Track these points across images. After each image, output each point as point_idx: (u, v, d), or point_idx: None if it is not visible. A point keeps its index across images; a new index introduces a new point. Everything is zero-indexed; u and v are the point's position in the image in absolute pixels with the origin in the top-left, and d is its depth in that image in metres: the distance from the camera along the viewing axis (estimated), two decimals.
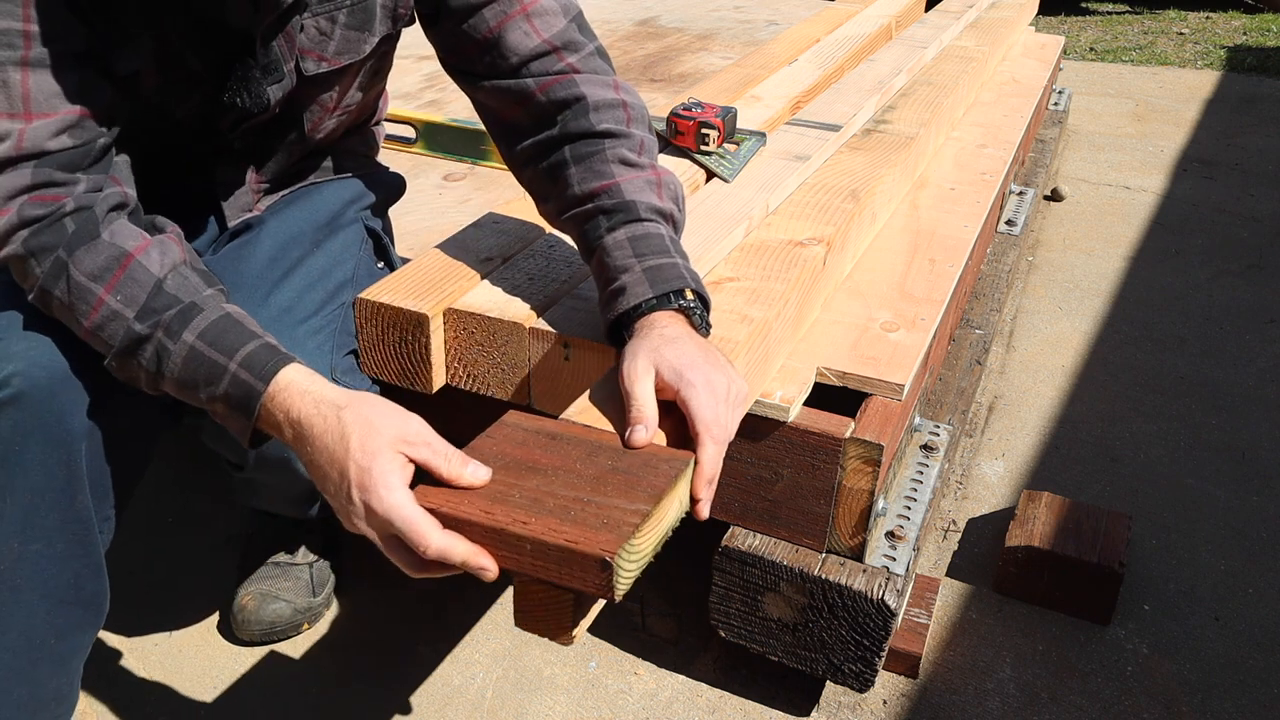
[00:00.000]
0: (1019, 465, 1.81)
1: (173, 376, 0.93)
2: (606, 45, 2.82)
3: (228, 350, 0.92)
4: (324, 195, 1.27)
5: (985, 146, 2.06)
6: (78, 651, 1.08)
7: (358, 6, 1.12)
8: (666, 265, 1.01)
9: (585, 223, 1.08)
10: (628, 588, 0.77)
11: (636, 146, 1.10)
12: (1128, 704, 1.35)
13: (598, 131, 1.09)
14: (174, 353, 0.92)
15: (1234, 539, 1.64)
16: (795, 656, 1.28)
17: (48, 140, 0.92)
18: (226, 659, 1.42)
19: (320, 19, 1.10)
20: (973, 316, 1.86)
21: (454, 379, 1.19)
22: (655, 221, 1.06)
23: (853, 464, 1.18)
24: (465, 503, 0.80)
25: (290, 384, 0.90)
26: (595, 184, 1.07)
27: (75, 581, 1.04)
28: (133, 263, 0.94)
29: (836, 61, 2.13)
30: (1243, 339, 2.22)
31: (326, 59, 1.13)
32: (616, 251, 1.02)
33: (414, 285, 1.18)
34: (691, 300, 1.00)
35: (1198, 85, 3.98)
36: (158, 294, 0.94)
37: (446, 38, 1.14)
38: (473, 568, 0.79)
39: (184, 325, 0.93)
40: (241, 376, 0.91)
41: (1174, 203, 2.91)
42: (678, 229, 1.10)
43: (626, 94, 1.14)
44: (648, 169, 1.10)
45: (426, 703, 1.35)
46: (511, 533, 0.77)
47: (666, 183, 1.10)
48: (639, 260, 1.01)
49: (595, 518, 0.78)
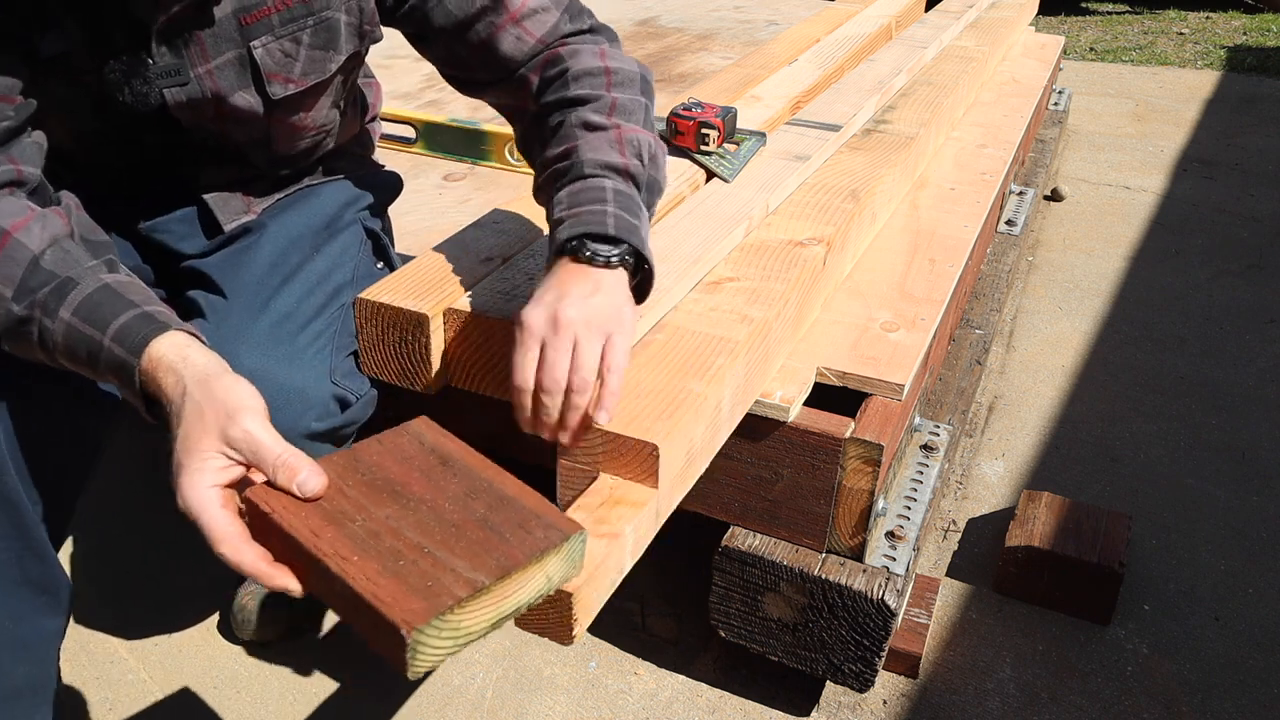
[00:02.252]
0: (1019, 465, 1.81)
1: (63, 354, 0.90)
2: None
3: (101, 324, 0.88)
4: (322, 198, 1.27)
5: (985, 146, 2.06)
6: (44, 639, 1.06)
7: (321, 26, 1.10)
8: (593, 211, 0.96)
9: (545, 190, 1.05)
10: (431, 665, 0.67)
11: (605, 108, 1.05)
12: (1128, 704, 1.35)
13: (569, 99, 1.07)
14: (54, 331, 0.89)
15: (1234, 539, 1.64)
16: (795, 656, 1.28)
17: None
18: (226, 659, 1.42)
19: (284, 41, 1.08)
20: (973, 316, 1.86)
21: (454, 379, 1.19)
22: (600, 176, 1.00)
23: (853, 464, 1.18)
24: (301, 516, 0.74)
25: (160, 359, 0.85)
26: (556, 150, 1.04)
27: (18, 562, 1.02)
28: (10, 240, 0.90)
29: (836, 61, 2.13)
30: (1243, 339, 2.22)
31: (293, 80, 1.11)
32: (557, 208, 0.99)
33: (414, 285, 1.18)
34: (574, 242, 0.94)
35: (1198, 85, 3.98)
36: (34, 271, 0.90)
37: (440, 53, 1.14)
38: (274, 587, 0.75)
39: (60, 302, 0.89)
40: (115, 351, 0.87)
41: (1174, 203, 2.91)
42: (639, 183, 1.03)
43: (615, 60, 1.10)
44: (611, 129, 1.04)
45: (426, 703, 1.35)
46: (324, 565, 0.69)
47: (629, 140, 1.04)
48: (569, 211, 0.98)
49: (419, 577, 0.68)
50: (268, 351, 1.08)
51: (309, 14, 1.08)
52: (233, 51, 1.06)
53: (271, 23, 1.06)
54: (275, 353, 1.08)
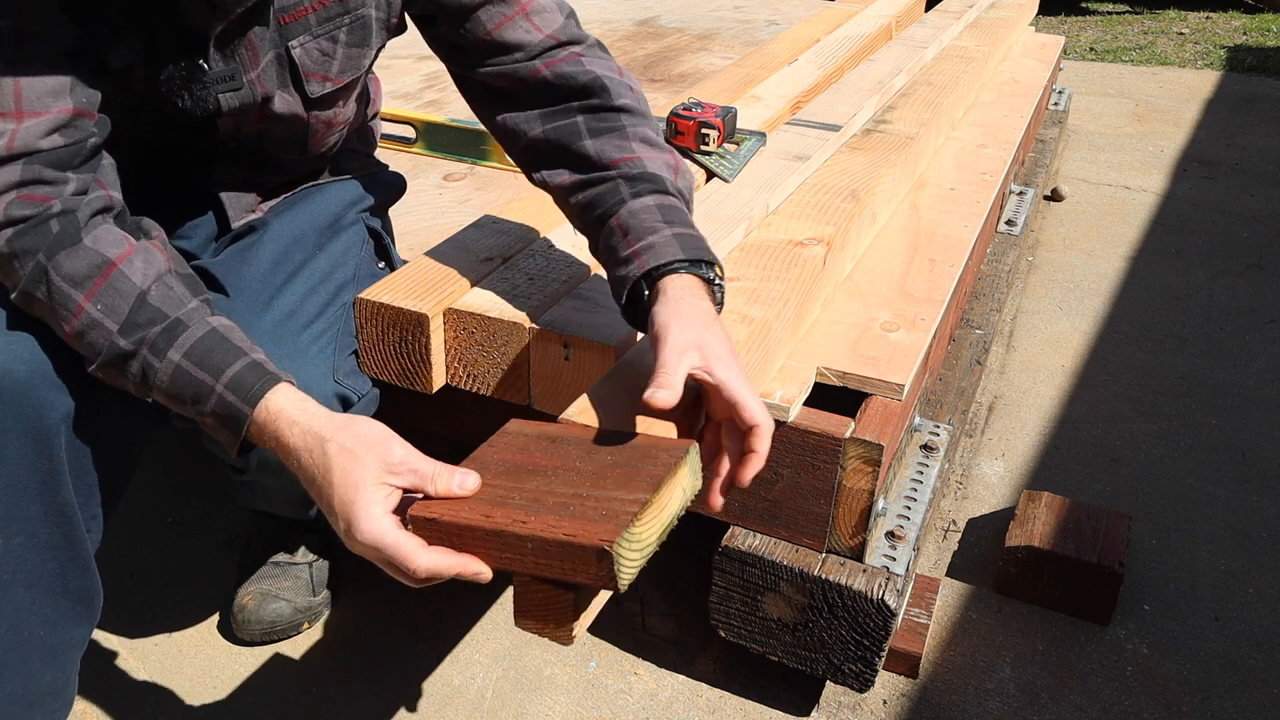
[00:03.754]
0: (1019, 465, 1.81)
1: (160, 390, 0.94)
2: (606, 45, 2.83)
3: (214, 370, 0.92)
4: (326, 197, 1.27)
5: (985, 146, 2.06)
6: (71, 646, 1.08)
7: (356, 23, 1.11)
8: (696, 237, 1.01)
9: (601, 186, 1.06)
10: (632, 577, 0.77)
11: (655, 129, 1.11)
12: (1128, 704, 1.35)
13: (615, 106, 1.09)
14: (160, 370, 0.92)
15: (1234, 539, 1.64)
16: (795, 656, 1.28)
17: (39, 139, 0.92)
18: (226, 659, 1.42)
19: (322, 40, 1.10)
20: (973, 316, 1.86)
21: (454, 379, 1.19)
22: (679, 198, 1.06)
23: (853, 464, 1.18)
24: (465, 510, 0.81)
25: (280, 413, 0.90)
26: (617, 155, 1.06)
27: (61, 573, 1.03)
28: (115, 271, 0.93)
29: (836, 61, 2.13)
30: (1243, 339, 2.22)
31: (330, 79, 1.13)
32: (644, 214, 1.01)
33: (414, 285, 1.18)
34: (719, 276, 0.99)
35: (1198, 85, 3.98)
36: (141, 307, 0.93)
37: (444, 38, 1.13)
38: (467, 575, 0.80)
39: (169, 343, 0.92)
40: (228, 399, 0.91)
41: (1174, 203, 2.91)
42: (690, 207, 1.10)
43: (630, 80, 1.15)
44: (667, 153, 1.10)
45: (426, 703, 1.35)
46: (511, 533, 0.78)
47: (684, 171, 1.10)
48: (669, 226, 1.00)
49: (594, 511, 0.78)
50: (270, 350, 1.08)
51: (345, 12, 1.10)
52: (271, 52, 1.08)
53: (309, 22, 1.08)
54: (278, 351, 1.08)
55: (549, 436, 0.90)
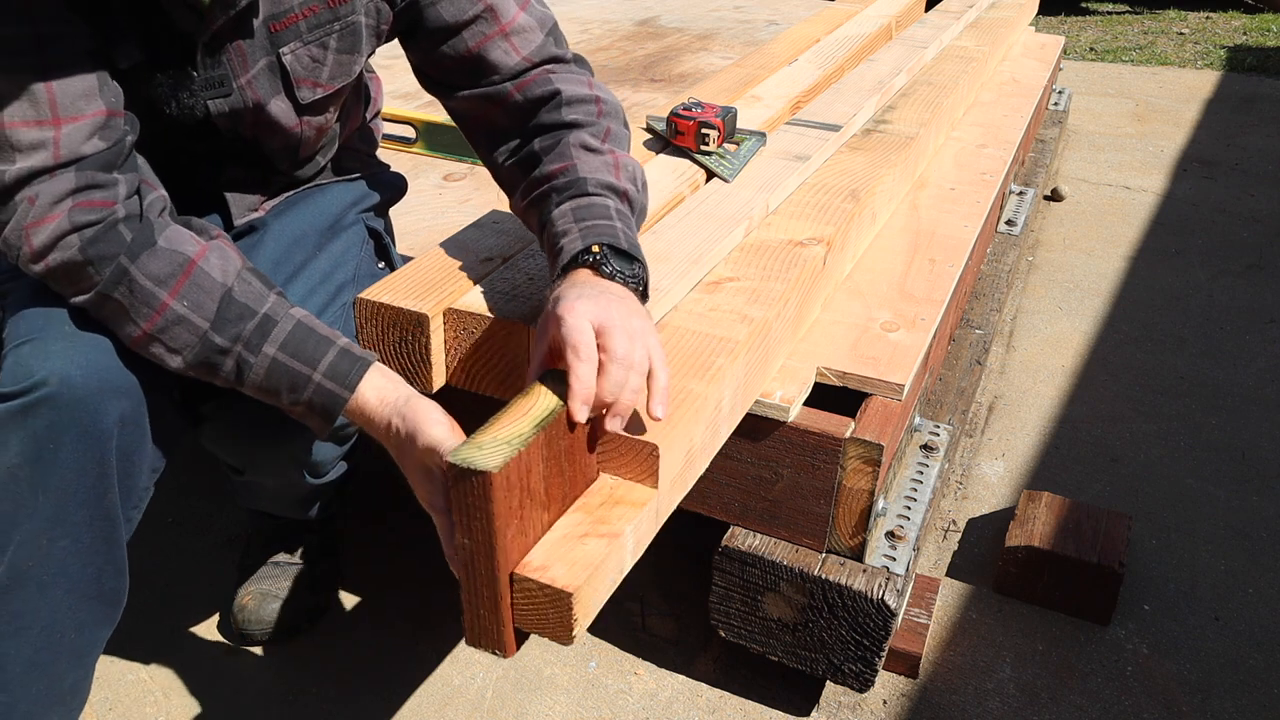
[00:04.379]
0: (1019, 465, 1.81)
1: (254, 384, 0.98)
2: (606, 45, 2.84)
3: (309, 361, 0.98)
4: (327, 197, 1.27)
5: (985, 146, 2.06)
6: (94, 646, 1.09)
7: (346, 30, 1.12)
8: (602, 225, 1.01)
9: (540, 203, 1.08)
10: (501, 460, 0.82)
11: (600, 134, 1.11)
12: (1128, 704, 1.35)
13: (565, 122, 1.11)
14: (255, 365, 0.97)
15: (1234, 539, 1.64)
16: (795, 656, 1.28)
17: (83, 144, 0.94)
18: (226, 659, 1.42)
19: (312, 47, 1.10)
20: (973, 316, 1.86)
21: (454, 379, 1.19)
22: (602, 195, 1.05)
23: (853, 464, 1.18)
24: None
25: (368, 398, 0.98)
26: (553, 166, 1.08)
27: (98, 577, 1.05)
28: (195, 269, 0.97)
29: (836, 61, 2.13)
30: (1243, 339, 2.22)
31: (321, 85, 1.13)
32: (560, 221, 1.03)
33: (414, 285, 1.18)
34: (598, 253, 0.98)
35: (1198, 85, 3.99)
36: (229, 303, 0.97)
37: (424, 54, 1.15)
38: None
39: (264, 339, 0.97)
40: (327, 386, 0.98)
41: (1174, 203, 2.91)
42: (633, 206, 1.09)
43: (600, 91, 1.15)
44: (606, 153, 1.10)
45: (426, 703, 1.35)
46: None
47: (624, 164, 1.10)
48: (577, 224, 1.02)
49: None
50: None
51: (334, 19, 1.10)
52: (264, 59, 1.08)
53: (299, 29, 1.08)
54: None
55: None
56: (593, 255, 0.98)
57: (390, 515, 1.63)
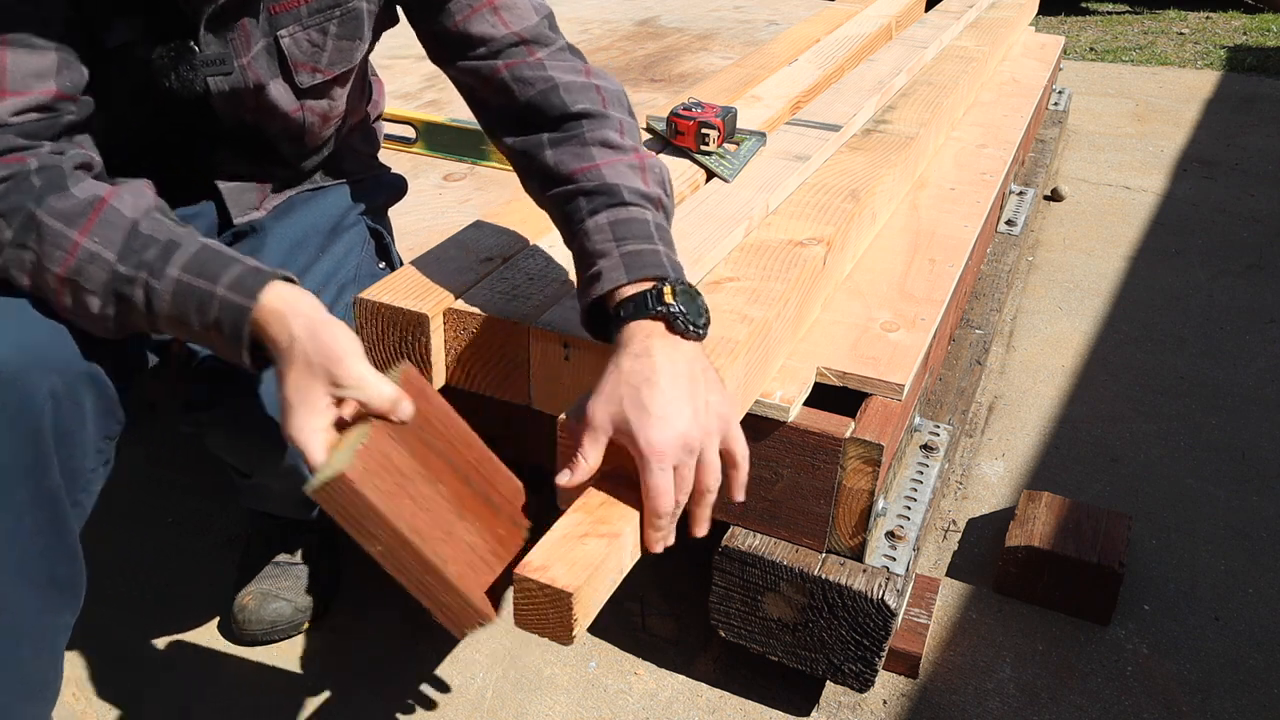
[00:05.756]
0: (1019, 465, 1.81)
1: (164, 314, 0.93)
2: (606, 45, 2.84)
3: (212, 277, 0.92)
4: (328, 200, 1.27)
5: (985, 146, 2.06)
6: (58, 633, 1.07)
7: (348, 15, 1.12)
8: (646, 251, 0.97)
9: (566, 204, 1.04)
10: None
11: (617, 127, 1.07)
12: (1128, 704, 1.35)
13: (573, 113, 1.07)
14: (160, 290, 0.92)
15: (1234, 539, 1.64)
16: (795, 656, 1.28)
17: (10, 115, 0.92)
18: (226, 659, 1.42)
19: (312, 31, 1.10)
20: (973, 316, 1.86)
21: (454, 379, 1.19)
22: (640, 206, 1.01)
23: (853, 464, 1.18)
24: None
25: (271, 307, 0.91)
26: (575, 165, 1.04)
27: (49, 559, 1.03)
28: (106, 206, 0.93)
29: (836, 61, 2.13)
30: (1243, 339, 2.22)
31: (320, 70, 1.13)
32: (596, 235, 0.99)
33: (414, 285, 1.18)
34: (673, 304, 0.92)
35: (1198, 85, 3.99)
36: (134, 235, 0.93)
37: (423, 30, 1.14)
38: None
39: (166, 262, 0.92)
40: (231, 299, 0.91)
41: (1174, 203, 2.91)
42: (667, 214, 1.06)
43: (599, 78, 1.11)
44: (630, 152, 1.06)
45: (426, 703, 1.35)
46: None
47: (651, 166, 1.06)
48: (618, 245, 0.98)
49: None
50: None
51: (336, 4, 1.10)
52: (263, 41, 1.08)
53: (300, 13, 1.08)
54: None
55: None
56: (666, 307, 0.91)
57: None
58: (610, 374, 0.90)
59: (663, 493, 0.86)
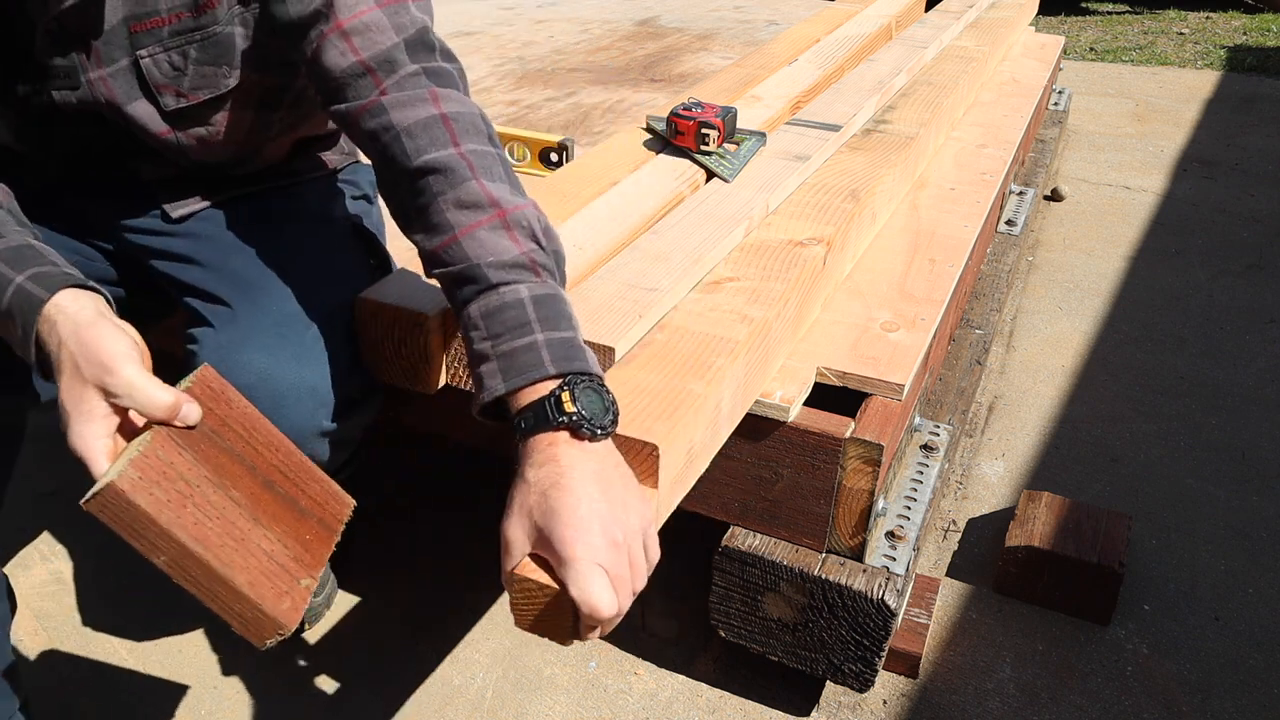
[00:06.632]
0: (1019, 465, 1.81)
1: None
2: (606, 45, 2.84)
3: (20, 267, 0.89)
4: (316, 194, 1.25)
5: (985, 146, 2.06)
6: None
7: (209, 41, 1.05)
8: (521, 349, 0.87)
9: (447, 288, 0.94)
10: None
11: (468, 174, 0.93)
12: (1128, 704, 1.35)
13: (415, 169, 0.94)
14: None
15: (1234, 539, 1.64)
16: (795, 656, 1.28)
17: None
18: (226, 659, 1.42)
19: (172, 53, 1.05)
20: (973, 316, 1.86)
21: (454, 379, 1.19)
22: (509, 284, 0.90)
23: (853, 464, 1.18)
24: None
25: (47, 313, 0.87)
26: (435, 243, 0.93)
27: None
28: None
29: (836, 61, 2.13)
30: (1243, 339, 2.22)
31: (184, 94, 1.07)
32: (473, 332, 0.90)
33: (414, 285, 1.17)
34: (575, 411, 0.83)
35: (1198, 85, 3.99)
36: None
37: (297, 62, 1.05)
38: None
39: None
40: (26, 287, 0.88)
41: (1174, 203, 2.91)
42: (550, 269, 0.93)
43: (449, 102, 0.96)
44: (489, 209, 0.92)
45: (426, 703, 1.35)
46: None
47: (516, 220, 0.92)
48: (493, 343, 0.88)
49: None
50: (274, 352, 1.08)
51: (196, 29, 1.04)
52: (125, 59, 1.04)
53: (161, 34, 1.03)
54: (283, 353, 1.07)
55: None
56: (568, 417, 0.82)
57: (391, 516, 1.63)
58: (518, 488, 0.83)
59: (596, 597, 0.77)
